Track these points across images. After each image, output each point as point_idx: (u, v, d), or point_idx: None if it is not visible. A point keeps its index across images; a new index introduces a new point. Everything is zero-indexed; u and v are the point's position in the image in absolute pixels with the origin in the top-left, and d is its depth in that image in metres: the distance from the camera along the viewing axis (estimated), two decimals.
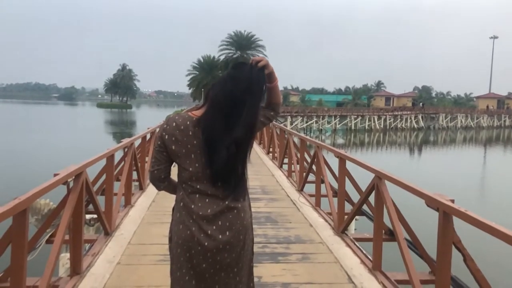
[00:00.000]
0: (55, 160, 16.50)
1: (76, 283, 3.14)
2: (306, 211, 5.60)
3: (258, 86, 1.77)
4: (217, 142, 1.71)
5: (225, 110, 1.72)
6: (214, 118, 1.72)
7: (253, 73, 1.77)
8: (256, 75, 1.78)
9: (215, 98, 1.75)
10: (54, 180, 2.90)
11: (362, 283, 3.35)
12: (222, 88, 1.75)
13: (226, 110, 1.72)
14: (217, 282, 1.81)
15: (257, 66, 1.79)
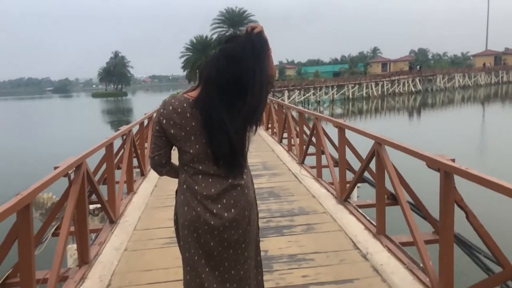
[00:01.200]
0: (55, 153, 16.45)
1: (85, 272, 3.18)
2: (308, 183, 5.62)
3: (261, 48, 1.70)
4: (216, 122, 1.69)
5: (221, 88, 1.68)
6: (210, 97, 1.69)
7: (252, 37, 1.71)
8: (257, 38, 1.71)
9: (209, 77, 1.71)
10: (55, 173, 2.90)
11: (367, 248, 3.39)
12: (214, 65, 1.70)
13: (221, 87, 1.68)
14: (226, 259, 1.83)
15: (254, 32, 1.72)
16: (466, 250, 3.43)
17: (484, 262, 3.25)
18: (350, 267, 3.16)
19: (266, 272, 3.06)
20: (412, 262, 3.07)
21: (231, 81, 1.67)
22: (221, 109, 1.68)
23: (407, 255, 3.19)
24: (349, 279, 2.96)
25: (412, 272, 2.94)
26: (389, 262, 3.12)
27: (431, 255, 2.86)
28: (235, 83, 1.67)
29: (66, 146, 18.26)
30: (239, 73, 1.66)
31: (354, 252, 3.40)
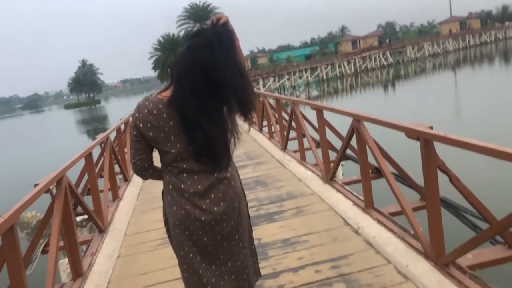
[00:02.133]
0: (34, 171, 16.15)
1: (81, 284, 3.14)
2: (293, 167, 5.65)
3: (228, 40, 1.66)
4: (192, 121, 1.66)
5: (193, 85, 1.64)
6: (183, 97, 1.66)
7: (218, 29, 1.67)
8: (223, 29, 1.67)
9: (179, 75, 1.68)
10: (36, 190, 2.83)
11: (358, 223, 3.44)
12: (183, 63, 1.67)
13: (193, 85, 1.64)
14: (221, 252, 1.83)
15: (219, 23, 1.69)
16: (453, 212, 3.53)
17: (472, 221, 3.34)
18: (343, 243, 3.20)
19: (262, 259, 3.08)
20: (403, 230, 3.13)
21: (203, 77, 1.63)
22: (195, 108, 1.65)
23: (397, 224, 3.25)
24: (344, 255, 3.01)
25: (404, 240, 3.00)
26: (381, 234, 3.18)
27: (420, 222, 2.92)
28: (208, 78, 1.63)
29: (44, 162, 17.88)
30: (210, 68, 1.62)
31: (346, 229, 3.44)
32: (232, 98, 1.68)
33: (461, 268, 2.52)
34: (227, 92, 1.65)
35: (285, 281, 2.80)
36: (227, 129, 1.74)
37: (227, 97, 1.68)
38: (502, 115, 13.43)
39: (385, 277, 2.66)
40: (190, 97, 1.64)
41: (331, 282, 2.71)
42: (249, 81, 1.74)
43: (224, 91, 1.65)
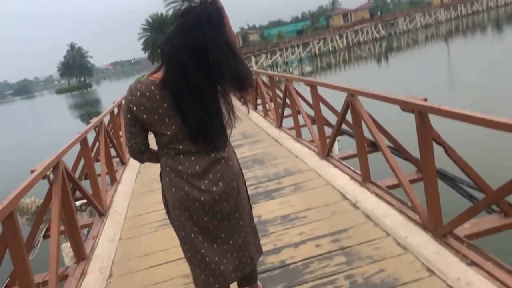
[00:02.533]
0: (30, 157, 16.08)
1: (85, 267, 3.17)
2: (289, 144, 5.67)
3: (217, 17, 1.63)
4: (184, 102, 1.65)
5: (184, 66, 1.62)
6: (174, 78, 1.64)
7: (207, 6, 1.63)
8: (212, 7, 1.63)
9: (170, 56, 1.65)
10: (32, 177, 2.83)
11: (356, 197, 3.48)
12: (173, 43, 1.64)
13: (184, 65, 1.62)
14: (222, 231, 1.85)
15: (208, 1, 1.65)
16: (449, 183, 3.58)
17: (468, 191, 3.39)
18: (342, 217, 3.25)
19: (263, 236, 3.12)
20: (400, 203, 3.18)
21: (193, 57, 1.61)
22: (186, 89, 1.63)
23: (395, 197, 3.29)
24: (343, 229, 3.05)
25: (402, 212, 3.04)
26: (379, 207, 3.22)
27: (417, 194, 2.96)
28: (198, 58, 1.61)
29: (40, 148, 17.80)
30: (200, 47, 1.59)
31: (344, 203, 3.48)
32: (225, 77, 1.66)
33: (459, 238, 2.57)
34: (219, 71, 1.63)
35: (286, 257, 2.85)
36: (222, 109, 1.73)
37: (220, 77, 1.66)
38: (495, 86, 13.45)
39: (385, 249, 2.71)
40: (181, 78, 1.63)
41: (332, 256, 2.76)
42: (242, 58, 1.72)
43: (216, 70, 1.63)
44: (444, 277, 2.32)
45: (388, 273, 2.48)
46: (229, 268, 1.92)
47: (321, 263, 2.71)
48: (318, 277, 2.57)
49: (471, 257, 2.36)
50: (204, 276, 1.90)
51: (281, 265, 2.76)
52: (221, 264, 1.89)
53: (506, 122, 1.94)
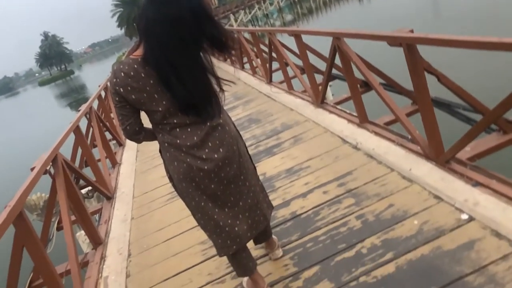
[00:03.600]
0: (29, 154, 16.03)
1: (103, 251, 3.24)
2: (282, 98, 5.62)
3: None
4: (168, 74, 1.61)
5: (161, 39, 1.56)
6: (154, 51, 1.59)
7: None
8: None
9: (146, 31, 1.60)
10: (33, 174, 2.82)
11: (356, 138, 3.49)
12: (147, 17, 1.58)
13: (161, 38, 1.56)
14: (231, 195, 1.88)
15: None
16: (446, 110, 3.58)
17: (466, 115, 3.40)
18: (345, 161, 3.27)
19: (271, 192, 3.17)
20: (400, 137, 3.19)
21: (169, 28, 1.55)
22: (167, 62, 1.59)
23: (394, 132, 3.30)
24: (348, 172, 3.08)
25: (402, 146, 3.06)
26: (380, 144, 3.24)
27: (416, 125, 2.97)
28: (174, 28, 1.55)
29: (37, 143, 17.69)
30: (175, 17, 1.54)
31: (345, 147, 3.50)
32: (205, 43, 1.62)
33: (462, 162, 2.60)
34: (198, 39, 1.59)
35: (296, 208, 2.90)
36: (209, 77, 1.69)
37: (200, 45, 1.62)
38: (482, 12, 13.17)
39: (391, 184, 2.76)
40: (161, 52, 1.58)
41: (340, 200, 2.80)
42: (219, 22, 1.67)
43: (194, 39, 1.59)
44: (452, 201, 2.37)
45: (397, 206, 2.53)
46: (243, 228, 1.96)
47: (330, 208, 2.76)
48: (330, 222, 2.63)
49: (475, 178, 2.40)
50: (220, 240, 1.95)
51: (293, 217, 2.82)
52: (234, 226, 1.93)
53: (495, 41, 1.91)
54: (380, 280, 2.07)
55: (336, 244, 2.42)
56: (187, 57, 1.61)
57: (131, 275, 2.86)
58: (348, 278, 2.15)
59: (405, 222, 2.39)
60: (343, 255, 2.32)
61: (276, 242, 2.49)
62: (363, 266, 2.19)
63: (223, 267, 2.57)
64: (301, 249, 2.49)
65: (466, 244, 2.07)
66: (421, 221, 2.35)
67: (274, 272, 2.38)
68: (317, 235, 2.56)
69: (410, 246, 2.20)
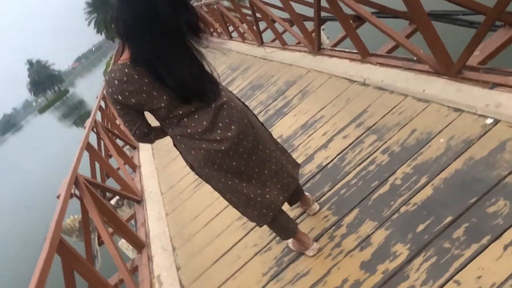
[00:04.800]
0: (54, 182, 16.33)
1: (148, 253, 3.30)
2: (278, 56, 5.49)
3: None
4: (157, 68, 1.58)
5: (141, 35, 1.53)
6: (139, 50, 1.56)
7: None
8: None
9: (126, 33, 1.56)
10: (61, 202, 2.84)
11: (362, 75, 3.39)
12: (121, 17, 1.54)
13: (141, 35, 1.53)
14: (254, 166, 1.87)
15: None
16: (445, 20, 3.44)
17: (467, 20, 3.26)
18: (357, 100, 3.20)
19: (292, 151, 3.15)
20: (406, 61, 3.09)
21: (149, 25, 1.51)
22: (156, 58, 1.56)
23: (398, 58, 3.21)
24: (363, 110, 3.02)
25: (410, 69, 2.97)
26: (387, 74, 3.15)
27: (419, 45, 2.87)
28: (152, 23, 1.51)
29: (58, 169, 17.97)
30: (150, 13, 1.49)
31: (353, 86, 3.42)
32: (184, 27, 1.57)
33: (474, 68, 2.51)
34: (177, 27, 1.55)
35: (321, 160, 2.88)
36: (199, 60, 1.65)
37: (180, 31, 1.57)
38: None
39: (408, 110, 2.69)
40: (146, 49, 1.55)
41: (362, 139, 2.76)
42: (191, 5, 1.62)
43: (173, 28, 1.55)
44: (473, 110, 2.31)
45: (420, 130, 2.48)
46: (274, 194, 1.97)
47: (354, 150, 2.73)
48: (357, 164, 2.60)
49: (491, 80, 2.33)
50: (256, 211, 1.96)
51: (320, 169, 2.80)
52: (265, 194, 1.94)
53: None
54: (420, 206, 2.06)
55: (369, 184, 2.40)
56: (172, 47, 1.58)
57: (181, 267, 2.92)
58: (389, 213, 2.14)
59: (431, 143, 2.35)
60: (378, 192, 2.31)
61: (310, 198, 2.49)
62: (400, 197, 2.18)
63: (266, 236, 2.59)
64: (336, 198, 2.49)
65: (497, 148, 2.04)
66: (447, 138, 2.30)
67: (316, 226, 2.39)
68: (348, 180, 2.54)
69: (442, 165, 2.17)
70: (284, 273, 2.27)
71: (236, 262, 2.58)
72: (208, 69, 1.70)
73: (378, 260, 1.97)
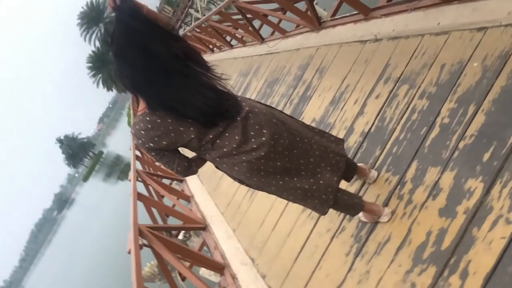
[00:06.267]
0: (120, 237, 16.90)
1: (230, 271, 3.34)
2: (283, 46, 5.47)
3: (140, 21, 1.55)
4: (174, 105, 1.62)
5: (148, 83, 1.58)
6: (153, 97, 1.61)
7: (123, 18, 1.55)
8: (127, 16, 1.54)
9: (132, 84, 1.61)
10: (133, 256, 2.92)
11: (371, 32, 3.31)
12: (125, 74, 1.60)
13: (148, 82, 1.58)
14: (298, 158, 1.87)
15: (119, 5, 1.55)
16: None
17: None
18: (376, 58, 3.13)
19: (331, 129, 3.13)
20: (409, 2, 3.00)
21: (150, 70, 1.56)
22: (169, 97, 1.60)
23: (401, 1, 3.11)
24: (385, 65, 2.95)
25: (417, 8, 2.87)
26: (396, 22, 3.07)
27: None
28: (153, 64, 1.56)
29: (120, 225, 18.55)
30: (148, 57, 1.54)
31: (366, 46, 3.34)
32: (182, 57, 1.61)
33: None
34: (175, 60, 1.59)
35: (361, 127, 2.83)
36: (207, 82, 1.67)
37: (181, 62, 1.61)
38: None
39: (430, 48, 2.62)
40: (158, 94, 1.60)
41: (395, 93, 2.70)
42: (178, 36, 1.67)
43: (174, 62, 1.59)
44: (497, 23, 2.24)
45: (450, 62, 2.41)
46: (326, 177, 1.95)
47: (391, 106, 2.67)
48: (399, 118, 2.55)
49: None
50: (316, 200, 1.95)
51: (364, 136, 2.76)
52: (318, 181, 1.93)
53: None
54: (478, 135, 2.00)
55: (417, 133, 2.34)
56: (180, 82, 1.61)
57: (266, 275, 2.95)
58: (448, 153, 2.08)
59: (465, 71, 2.27)
60: (430, 137, 2.25)
61: (365, 167, 2.45)
62: (454, 134, 2.11)
63: (335, 218, 2.57)
64: (390, 158, 2.44)
65: None
66: (480, 60, 2.22)
67: (381, 191, 2.35)
68: (396, 137, 2.49)
69: (485, 88, 2.09)
70: (366, 246, 2.25)
71: (316, 252, 2.58)
72: (220, 86, 1.71)
73: (454, 202, 1.92)
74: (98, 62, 52.20)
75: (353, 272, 2.25)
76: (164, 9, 31.85)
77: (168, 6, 35.84)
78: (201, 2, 36.88)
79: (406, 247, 2.02)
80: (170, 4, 39.46)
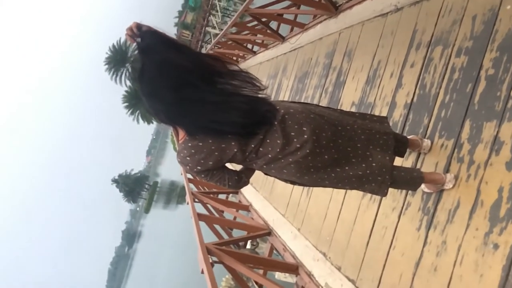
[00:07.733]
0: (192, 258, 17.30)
1: (305, 270, 3.35)
2: (305, 39, 5.46)
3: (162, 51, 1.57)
4: (213, 125, 1.64)
5: (183, 111, 1.61)
6: (189, 123, 1.65)
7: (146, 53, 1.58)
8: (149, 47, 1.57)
9: (168, 118, 1.66)
10: (207, 274, 2.96)
11: (391, 3, 3.25)
12: (157, 109, 1.64)
13: (183, 110, 1.61)
14: (345, 147, 1.85)
15: (139, 34, 1.58)
16: None
17: None
18: (401, 28, 3.06)
19: (373, 109, 3.09)
20: None
21: (182, 101, 1.59)
22: (205, 120, 1.62)
23: None
24: (413, 32, 2.88)
25: None
26: None
27: None
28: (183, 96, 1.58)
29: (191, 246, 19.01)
30: (177, 82, 1.57)
31: (389, 18, 3.26)
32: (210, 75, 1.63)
33: None
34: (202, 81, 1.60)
35: (403, 99, 2.77)
36: (238, 95, 1.67)
37: (208, 81, 1.62)
38: None
39: (456, 3, 2.52)
40: (193, 120, 1.63)
41: (430, 57, 2.63)
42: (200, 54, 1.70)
43: (202, 84, 1.59)
44: None
45: (482, 12, 2.32)
46: (378, 159, 1.91)
47: (429, 71, 2.60)
48: (440, 81, 2.48)
49: None
50: (373, 183, 1.91)
51: (408, 108, 2.71)
52: (370, 164, 1.89)
53: None
54: None
55: (463, 91, 2.26)
56: (211, 102, 1.62)
57: (341, 266, 2.93)
58: (501, 104, 2.00)
59: (499, 16, 2.18)
60: (478, 93, 2.17)
61: (416, 138, 2.39)
62: (503, 83, 2.03)
63: (398, 196, 2.52)
64: (440, 123, 2.37)
65: None
66: None
67: (439, 159, 2.28)
68: (441, 101, 2.42)
69: None
70: (436, 217, 2.19)
71: (386, 234, 2.54)
72: (252, 93, 1.71)
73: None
74: (133, 99, 53.95)
75: (429, 246, 2.19)
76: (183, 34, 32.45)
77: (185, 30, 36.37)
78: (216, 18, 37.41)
79: (479, 209, 1.95)
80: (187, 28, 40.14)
